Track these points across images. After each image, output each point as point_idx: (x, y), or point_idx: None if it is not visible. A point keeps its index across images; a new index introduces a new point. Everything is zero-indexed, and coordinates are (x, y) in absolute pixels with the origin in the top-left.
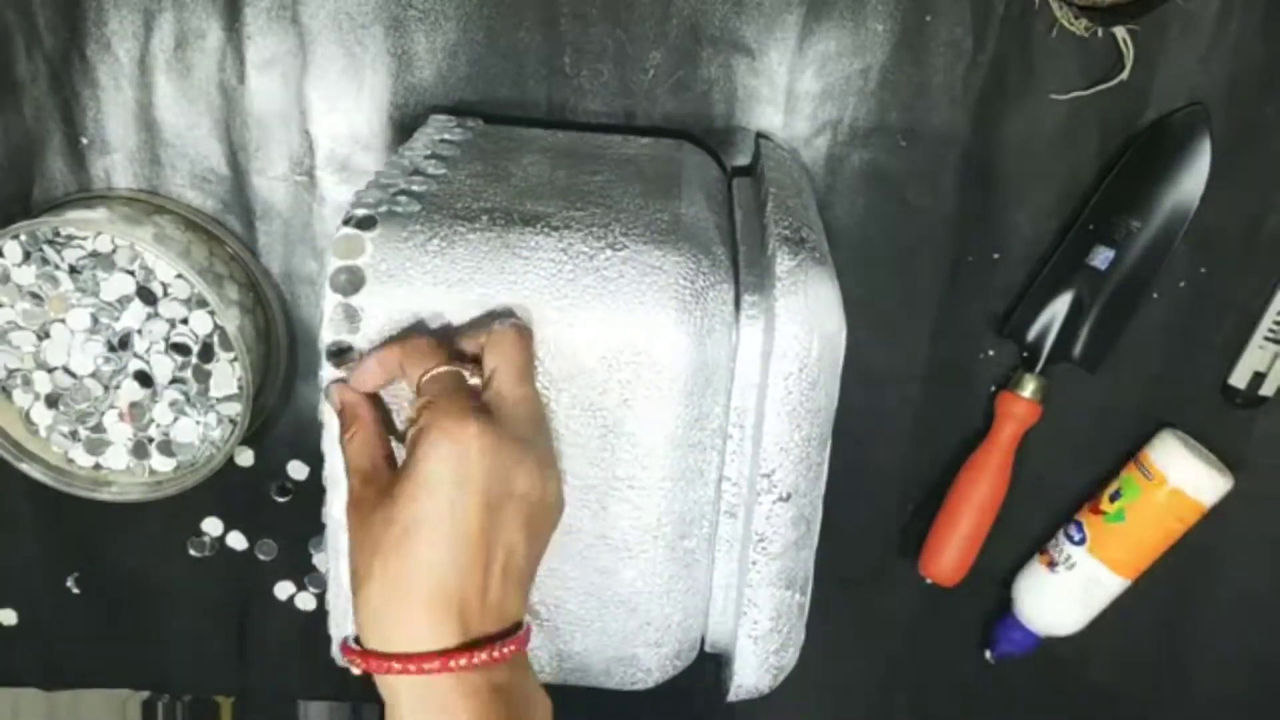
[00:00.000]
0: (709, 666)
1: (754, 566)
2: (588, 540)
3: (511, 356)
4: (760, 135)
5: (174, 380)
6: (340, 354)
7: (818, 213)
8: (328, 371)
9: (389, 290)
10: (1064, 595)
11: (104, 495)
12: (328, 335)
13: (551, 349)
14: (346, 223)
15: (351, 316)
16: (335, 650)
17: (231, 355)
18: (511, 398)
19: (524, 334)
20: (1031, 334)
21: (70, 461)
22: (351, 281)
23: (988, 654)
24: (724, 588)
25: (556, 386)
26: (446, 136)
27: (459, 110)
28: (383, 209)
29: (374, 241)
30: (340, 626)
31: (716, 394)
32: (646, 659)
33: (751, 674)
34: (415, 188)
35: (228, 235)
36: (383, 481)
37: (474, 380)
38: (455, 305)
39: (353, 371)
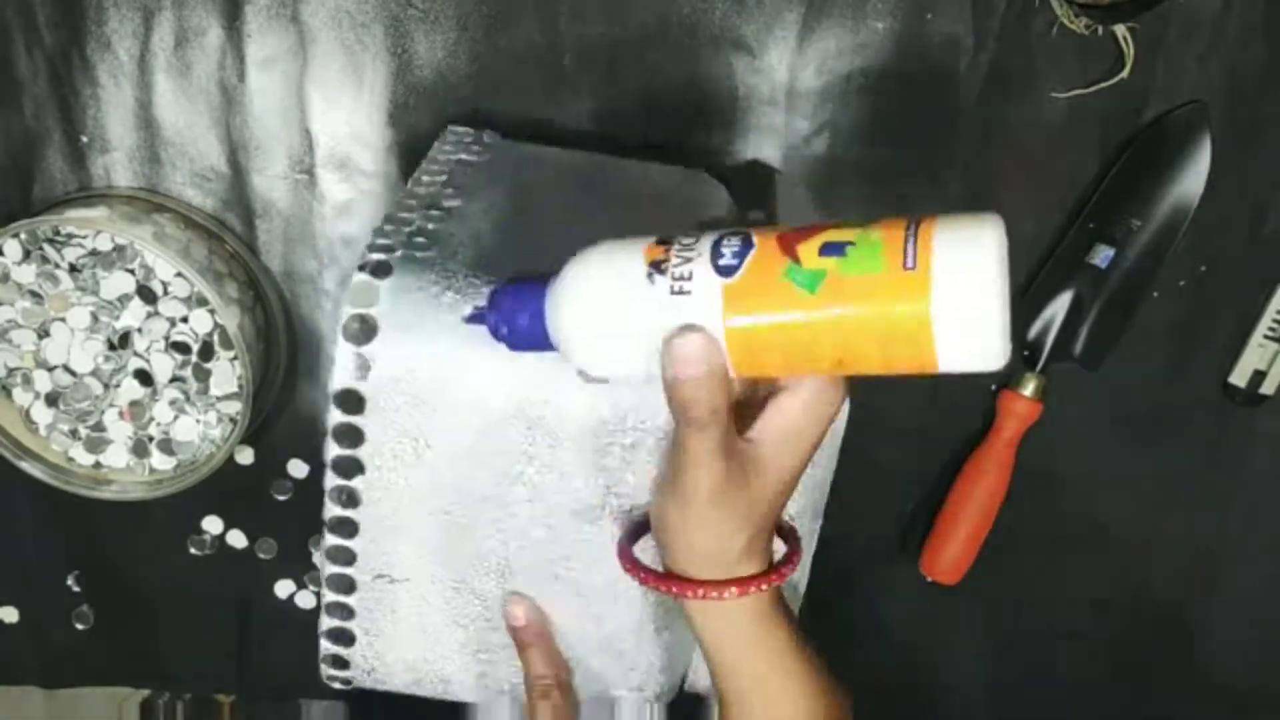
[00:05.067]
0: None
1: None
2: (583, 589)
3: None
4: (775, 171)
5: (174, 379)
6: (349, 402)
7: None
8: (334, 416)
9: (400, 340)
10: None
11: (104, 494)
12: (337, 382)
13: (556, 408)
14: (362, 269)
15: (362, 365)
16: (321, 667)
17: (231, 354)
18: None
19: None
20: (1032, 332)
21: (70, 460)
22: (364, 331)
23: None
24: None
25: (561, 446)
26: (463, 156)
27: (459, 111)
28: (398, 254)
29: (388, 291)
30: (332, 637)
31: None
32: (628, 701)
33: None
34: (431, 225)
35: (227, 233)
36: None
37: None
38: (471, 358)
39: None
